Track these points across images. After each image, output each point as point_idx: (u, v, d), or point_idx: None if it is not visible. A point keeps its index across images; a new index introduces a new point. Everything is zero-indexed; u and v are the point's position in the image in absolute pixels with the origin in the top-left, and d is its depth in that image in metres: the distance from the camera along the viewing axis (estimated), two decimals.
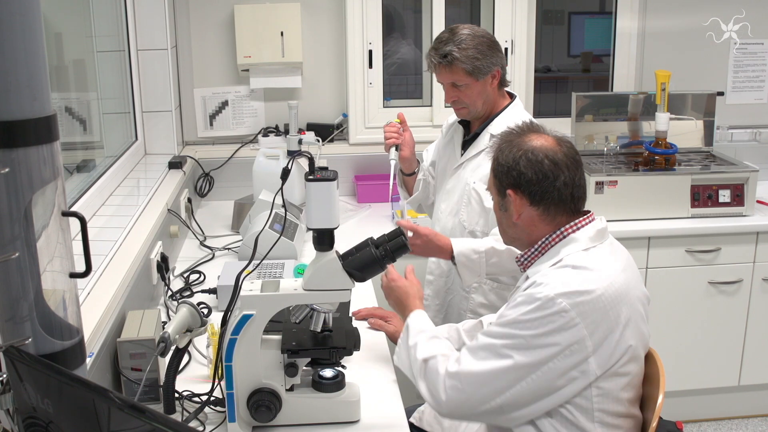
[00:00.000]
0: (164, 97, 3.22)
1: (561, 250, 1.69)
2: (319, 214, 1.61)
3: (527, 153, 1.70)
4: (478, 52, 2.33)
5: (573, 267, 1.63)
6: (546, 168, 1.68)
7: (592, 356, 1.58)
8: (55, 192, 1.14)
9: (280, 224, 2.56)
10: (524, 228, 1.73)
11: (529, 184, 1.68)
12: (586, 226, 1.71)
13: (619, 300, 1.61)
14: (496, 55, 2.38)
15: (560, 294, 1.57)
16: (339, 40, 3.49)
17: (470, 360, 1.65)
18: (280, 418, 1.67)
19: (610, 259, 1.68)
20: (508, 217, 1.75)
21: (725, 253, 3.16)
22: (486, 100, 2.42)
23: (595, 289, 1.59)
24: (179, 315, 1.72)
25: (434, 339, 1.79)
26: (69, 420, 1.07)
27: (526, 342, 1.59)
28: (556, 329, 1.57)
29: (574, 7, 4.28)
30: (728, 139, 3.70)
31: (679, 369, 3.20)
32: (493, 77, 2.39)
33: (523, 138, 1.74)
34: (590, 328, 1.57)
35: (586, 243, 1.68)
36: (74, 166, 2.48)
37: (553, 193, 1.68)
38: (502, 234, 1.85)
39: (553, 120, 3.71)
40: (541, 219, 1.71)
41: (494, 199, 1.81)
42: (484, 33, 2.40)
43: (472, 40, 2.34)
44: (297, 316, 1.73)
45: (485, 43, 2.36)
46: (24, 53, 1.06)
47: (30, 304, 1.12)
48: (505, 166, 1.72)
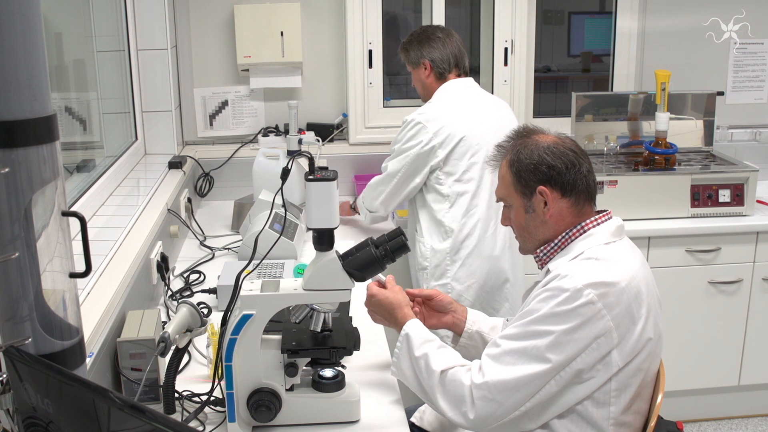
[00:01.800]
0: (164, 97, 3.22)
1: (580, 244, 1.70)
2: (319, 214, 1.61)
3: (549, 147, 1.71)
4: (410, 44, 2.81)
5: (596, 259, 1.64)
6: (572, 157, 1.71)
7: (615, 348, 1.59)
8: (55, 192, 1.14)
9: (280, 224, 2.56)
10: (553, 225, 1.73)
11: (560, 175, 1.70)
12: (605, 222, 1.73)
13: (640, 293, 1.63)
14: (425, 49, 2.76)
15: (587, 284, 1.57)
16: (339, 40, 3.49)
17: (496, 368, 1.61)
18: (280, 418, 1.67)
19: (630, 254, 1.70)
20: (536, 218, 1.73)
21: (725, 253, 3.16)
22: (423, 86, 2.82)
23: (619, 280, 1.60)
24: (179, 315, 1.72)
25: (444, 348, 1.74)
26: (69, 420, 1.07)
27: (557, 338, 1.57)
28: (585, 322, 1.57)
29: (574, 7, 4.28)
30: (728, 138, 3.70)
31: (679, 369, 3.20)
32: (425, 67, 2.77)
33: (531, 138, 1.76)
34: (616, 320, 1.58)
35: (606, 237, 1.70)
36: (74, 166, 2.48)
37: (581, 181, 1.71)
38: (526, 242, 1.80)
39: (553, 120, 3.72)
40: (570, 211, 1.72)
41: (515, 204, 1.76)
42: (424, 29, 2.83)
43: (414, 35, 2.82)
44: (297, 316, 1.73)
45: (416, 38, 2.80)
46: (24, 53, 1.06)
47: (30, 304, 1.12)
48: (531, 164, 1.71)
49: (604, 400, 1.63)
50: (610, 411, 1.64)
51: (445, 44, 2.77)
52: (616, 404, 1.64)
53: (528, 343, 1.59)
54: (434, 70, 2.77)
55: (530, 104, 3.64)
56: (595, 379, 1.60)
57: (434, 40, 2.77)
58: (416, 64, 2.80)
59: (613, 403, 1.64)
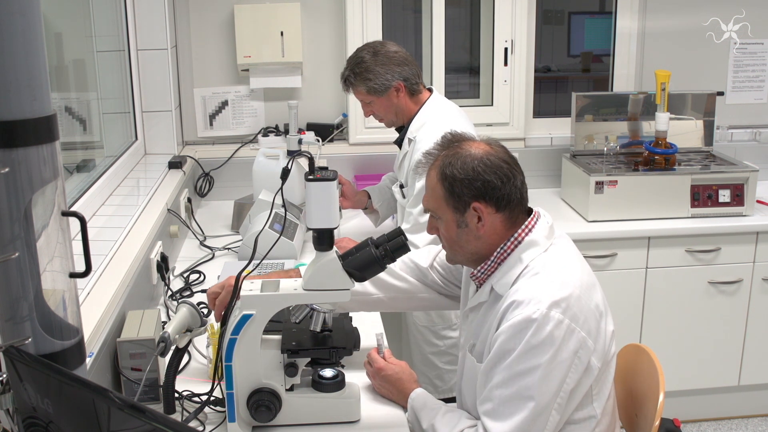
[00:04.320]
0: (164, 97, 3.22)
1: (521, 255, 1.64)
2: (319, 214, 1.61)
3: (483, 160, 1.63)
4: (370, 72, 2.51)
5: (544, 272, 1.60)
6: (506, 170, 1.64)
7: (593, 354, 1.59)
8: (55, 192, 1.14)
9: (280, 224, 2.56)
10: (486, 239, 1.66)
11: (495, 190, 1.62)
12: (537, 226, 1.67)
13: (591, 290, 1.63)
14: (392, 71, 2.52)
15: (551, 305, 1.54)
16: (339, 40, 3.49)
17: (498, 424, 1.56)
18: (280, 418, 1.67)
19: (570, 252, 1.69)
20: (468, 233, 1.66)
21: (725, 253, 3.16)
22: (398, 111, 2.60)
23: (573, 289, 1.58)
24: (179, 315, 1.72)
25: (450, 413, 1.71)
26: (69, 420, 1.07)
27: (545, 370, 1.53)
28: (561, 343, 1.54)
29: (574, 7, 4.27)
30: (728, 139, 3.70)
31: (679, 369, 3.20)
32: (396, 90, 2.55)
33: (462, 147, 1.67)
34: (585, 328, 1.57)
35: (543, 244, 1.65)
36: (74, 166, 2.49)
37: (516, 194, 1.65)
38: (456, 254, 1.73)
39: (553, 120, 3.72)
40: (504, 225, 1.66)
41: (446, 218, 1.68)
42: (385, 51, 2.54)
43: (370, 60, 2.52)
44: (297, 316, 1.73)
45: (380, 62, 2.52)
46: (24, 53, 1.06)
47: (30, 304, 1.12)
48: (464, 179, 1.62)
49: (587, 402, 1.63)
50: (595, 408, 1.64)
51: (406, 57, 2.57)
52: (599, 399, 1.64)
53: (518, 385, 1.55)
54: (407, 89, 2.56)
55: (530, 104, 3.63)
56: (581, 388, 1.60)
57: (393, 56, 2.54)
58: (384, 91, 2.54)
59: (596, 399, 1.64)
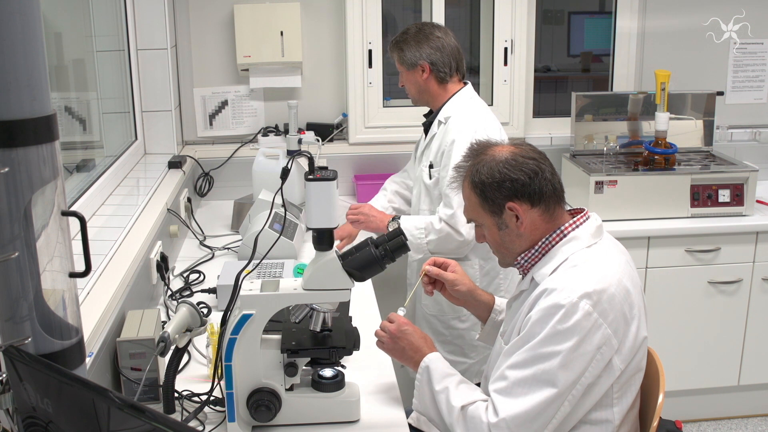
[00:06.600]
0: (164, 96, 3.22)
1: (562, 248, 1.68)
2: (319, 214, 1.61)
3: (507, 161, 1.68)
4: (406, 44, 2.63)
5: (582, 266, 1.62)
6: (532, 165, 1.68)
7: (615, 354, 1.59)
8: (54, 192, 1.14)
9: (279, 224, 2.56)
10: (528, 236, 1.70)
11: (525, 186, 1.67)
12: (585, 224, 1.71)
13: (629, 293, 1.62)
14: (423, 51, 2.61)
15: (581, 295, 1.55)
16: (339, 40, 3.49)
17: (509, 402, 1.57)
18: (280, 418, 1.67)
19: (613, 254, 1.69)
20: (510, 233, 1.71)
21: (725, 253, 3.16)
22: (422, 90, 2.67)
23: (607, 286, 1.59)
24: (179, 315, 1.72)
25: (464, 384, 1.72)
26: (69, 420, 1.07)
27: (565, 357, 1.54)
28: (587, 334, 1.55)
29: (574, 7, 4.28)
30: (728, 138, 3.70)
31: (679, 369, 3.20)
32: (422, 70, 2.62)
33: (487, 153, 1.72)
34: (612, 326, 1.58)
35: (588, 240, 1.68)
36: (74, 166, 2.48)
37: (547, 186, 1.68)
38: (505, 257, 1.77)
39: (553, 120, 3.72)
40: (543, 219, 1.69)
41: (487, 223, 1.74)
42: (421, 27, 2.66)
43: (412, 34, 2.64)
44: (297, 315, 1.73)
45: (413, 37, 2.63)
46: (24, 53, 1.06)
47: (30, 303, 1.12)
48: (493, 183, 1.68)
49: (606, 404, 1.63)
50: (614, 412, 1.64)
51: (445, 45, 2.62)
52: (620, 405, 1.64)
53: (536, 368, 1.56)
54: (433, 73, 2.62)
55: (530, 104, 3.63)
56: (599, 386, 1.60)
57: (433, 39, 2.62)
58: (412, 66, 2.63)
59: (616, 404, 1.64)
